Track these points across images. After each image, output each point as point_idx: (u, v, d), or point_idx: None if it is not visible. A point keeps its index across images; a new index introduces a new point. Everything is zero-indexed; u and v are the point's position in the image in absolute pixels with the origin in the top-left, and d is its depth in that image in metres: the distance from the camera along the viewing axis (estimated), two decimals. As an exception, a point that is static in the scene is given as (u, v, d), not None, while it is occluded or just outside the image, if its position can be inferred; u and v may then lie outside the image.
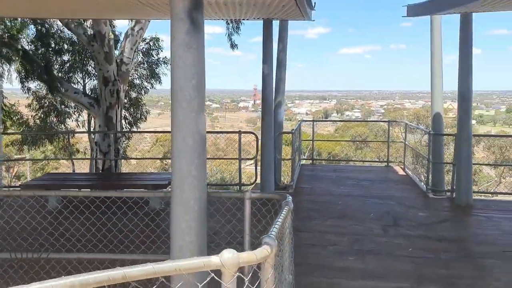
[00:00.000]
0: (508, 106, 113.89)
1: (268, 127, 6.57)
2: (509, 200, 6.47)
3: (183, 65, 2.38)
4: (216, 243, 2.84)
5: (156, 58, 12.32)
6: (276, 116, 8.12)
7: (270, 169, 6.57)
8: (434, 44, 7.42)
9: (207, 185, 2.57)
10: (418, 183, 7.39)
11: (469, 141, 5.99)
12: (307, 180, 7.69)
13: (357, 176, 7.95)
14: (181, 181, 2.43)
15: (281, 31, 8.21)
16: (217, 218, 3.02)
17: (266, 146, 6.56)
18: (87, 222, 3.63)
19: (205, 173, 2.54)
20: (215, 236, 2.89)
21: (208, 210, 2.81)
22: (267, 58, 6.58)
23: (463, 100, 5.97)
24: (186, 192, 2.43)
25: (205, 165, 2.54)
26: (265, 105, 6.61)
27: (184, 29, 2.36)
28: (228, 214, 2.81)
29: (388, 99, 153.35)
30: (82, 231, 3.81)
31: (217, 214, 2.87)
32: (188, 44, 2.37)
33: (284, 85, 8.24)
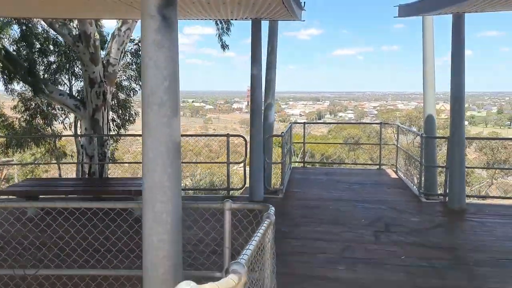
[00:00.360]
0: (499, 107, 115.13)
1: (257, 130, 6.38)
2: (502, 204, 6.35)
3: (154, 66, 2.18)
4: (194, 257, 2.64)
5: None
6: (266, 118, 7.95)
7: (259, 173, 6.39)
8: (426, 46, 7.31)
9: (193, 190, 2.41)
10: (410, 186, 7.25)
11: (462, 144, 5.86)
12: (298, 184, 7.52)
13: (348, 179, 7.79)
14: (153, 193, 2.23)
15: (271, 31, 8.05)
16: (194, 230, 2.82)
17: (255, 149, 6.38)
18: (66, 235, 3.42)
19: (180, 183, 2.35)
20: (192, 250, 2.69)
21: (185, 222, 2.61)
22: (256, 59, 6.40)
23: (456, 102, 5.84)
24: (158, 204, 2.24)
25: (180, 175, 2.35)
26: (254, 107, 6.42)
27: (154, 27, 2.17)
28: (207, 227, 2.62)
29: (381, 100, 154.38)
30: (61, 245, 3.59)
31: (195, 226, 2.67)
32: (159, 43, 2.18)
33: (275, 86, 8.07)
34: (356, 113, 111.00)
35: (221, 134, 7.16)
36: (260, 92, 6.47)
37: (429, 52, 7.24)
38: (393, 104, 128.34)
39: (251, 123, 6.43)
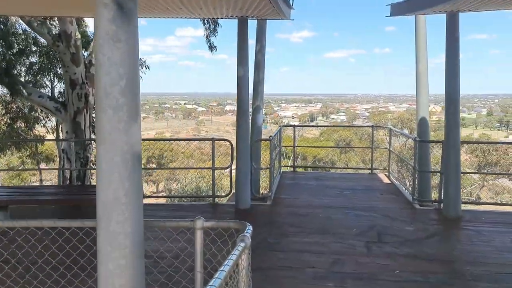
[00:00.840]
0: (489, 109, 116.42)
1: (243, 134, 6.07)
2: (498, 211, 6.11)
3: (108, 63, 1.86)
4: (161, 282, 2.32)
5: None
6: (254, 121, 7.65)
7: (246, 179, 6.08)
8: (419, 46, 7.07)
9: (177, 198, 2.10)
10: (403, 192, 6.98)
11: (457, 149, 5.61)
12: (287, 190, 7.21)
13: (339, 184, 7.51)
14: (107, 211, 1.90)
15: (259, 31, 7.76)
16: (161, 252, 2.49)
17: (241, 154, 6.07)
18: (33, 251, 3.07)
19: (140, 199, 2.02)
20: (159, 275, 2.37)
21: (152, 242, 2.29)
22: (242, 59, 6.10)
23: (451, 104, 5.59)
24: (113, 225, 1.91)
25: (140, 189, 2.02)
26: (240, 110, 6.11)
27: (108, 17, 1.84)
28: (176, 247, 2.30)
29: (372, 102, 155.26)
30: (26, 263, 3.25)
31: (162, 247, 2.35)
32: (114, 36, 1.86)
33: (263, 88, 7.78)
34: (348, 115, 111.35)
35: (206, 138, 6.84)
36: (247, 94, 6.16)
37: (422, 53, 7.01)
38: (385, 106, 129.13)
39: (237, 126, 6.12)
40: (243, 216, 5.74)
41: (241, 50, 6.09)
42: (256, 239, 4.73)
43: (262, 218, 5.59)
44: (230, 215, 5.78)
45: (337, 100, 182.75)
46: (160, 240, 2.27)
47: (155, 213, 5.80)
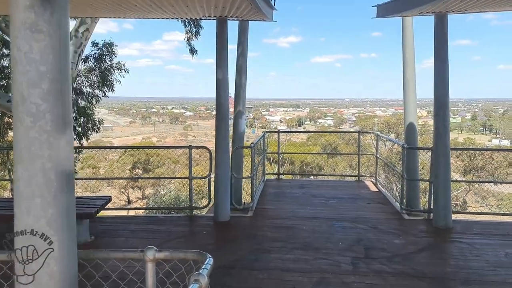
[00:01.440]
0: (473, 113, 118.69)
1: (223, 141, 5.70)
2: (489, 221, 5.86)
3: (25, 59, 1.48)
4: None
5: (109, 64, 11.24)
6: (236, 127, 7.28)
7: (225, 190, 5.70)
8: (406, 51, 6.83)
9: (153, 210, 1.71)
10: (391, 201, 6.70)
11: (447, 156, 5.34)
12: (270, 199, 6.86)
13: (325, 193, 7.19)
14: (25, 244, 1.52)
15: (241, 33, 7.42)
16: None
17: (220, 162, 5.69)
18: None
19: (73, 227, 1.64)
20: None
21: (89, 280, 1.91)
22: (221, 62, 5.74)
23: (440, 109, 5.33)
24: (34, 263, 1.52)
25: (72, 216, 1.64)
26: (219, 115, 5.74)
27: (26, 3, 1.47)
28: (123, 283, 1.92)
29: (359, 107, 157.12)
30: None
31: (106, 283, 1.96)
32: (33, 26, 1.48)
33: (245, 92, 7.42)
34: (335, 120, 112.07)
35: (182, 146, 6.44)
36: (226, 98, 5.81)
37: (410, 57, 6.76)
38: (371, 110, 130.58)
39: (216, 133, 5.75)
40: (221, 230, 5.36)
41: (220, 52, 5.74)
42: (234, 256, 4.35)
43: (242, 232, 5.21)
44: (208, 228, 5.38)
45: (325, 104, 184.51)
46: (103, 274, 1.88)
47: (125, 226, 5.38)
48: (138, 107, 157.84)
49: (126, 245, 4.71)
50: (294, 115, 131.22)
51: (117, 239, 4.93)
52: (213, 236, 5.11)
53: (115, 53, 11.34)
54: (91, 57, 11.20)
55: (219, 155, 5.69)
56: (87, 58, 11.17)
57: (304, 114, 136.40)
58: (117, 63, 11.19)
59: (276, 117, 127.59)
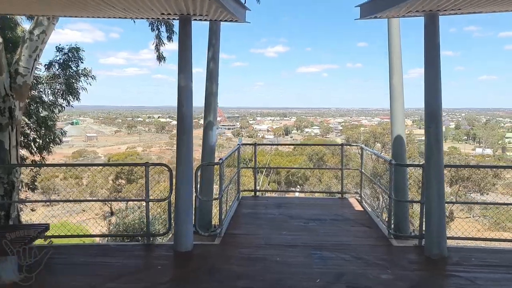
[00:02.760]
0: (457, 123, 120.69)
1: (185, 157, 4.92)
2: (489, 248, 5.20)
3: None
4: None
5: (75, 70, 10.37)
6: (205, 140, 6.52)
7: (187, 214, 4.90)
8: (392, 57, 6.20)
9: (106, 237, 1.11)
10: (377, 222, 6.00)
11: (440, 174, 4.67)
12: (243, 222, 6.08)
13: (305, 213, 6.45)
14: None
15: (212, 35, 6.70)
16: None
17: (182, 182, 4.90)
18: None
19: None
20: None
21: None
22: (184, 67, 5.00)
23: (431, 120, 4.67)
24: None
25: None
26: (181, 128, 4.98)
27: None
28: None
29: (345, 116, 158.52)
30: None
31: None
32: None
33: (216, 101, 6.69)
34: (322, 129, 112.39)
35: (139, 163, 5.63)
36: (190, 107, 5.04)
37: (396, 64, 6.13)
38: (357, 120, 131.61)
39: (177, 148, 4.98)
40: (180, 263, 4.55)
41: (183, 55, 5.00)
42: (189, 301, 3.56)
43: (204, 265, 4.41)
44: (165, 261, 4.57)
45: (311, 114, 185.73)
46: None
47: (70, 258, 4.54)
48: (124, 116, 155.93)
49: (62, 285, 3.88)
50: (281, 124, 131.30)
51: (53, 277, 4.08)
52: (168, 272, 4.29)
53: (82, 59, 10.48)
54: (55, 63, 10.33)
55: (180, 173, 4.91)
56: (51, 64, 10.30)
57: (291, 123, 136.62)
58: (83, 70, 10.33)
59: (263, 126, 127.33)
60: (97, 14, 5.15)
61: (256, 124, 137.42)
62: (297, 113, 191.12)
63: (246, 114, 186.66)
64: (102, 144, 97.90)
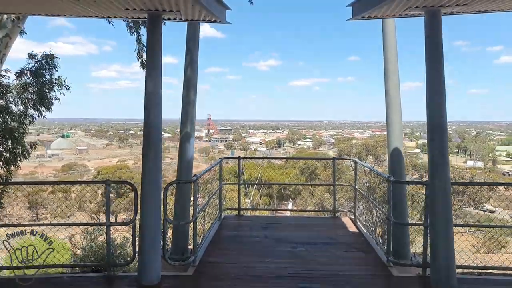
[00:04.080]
0: (448, 135, 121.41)
1: (151, 174, 4.24)
2: (500, 279, 4.54)
3: None
4: None
5: (48, 78, 9.66)
6: (182, 154, 5.85)
7: (153, 241, 4.19)
8: (388, 62, 5.66)
9: None
10: (374, 246, 5.34)
11: (446, 193, 4.05)
12: (223, 247, 5.37)
13: (294, 236, 5.76)
14: None
15: (190, 39, 6.10)
16: None
17: (148, 203, 4.21)
18: None
19: None
20: None
21: None
22: (152, 69, 4.36)
23: (435, 131, 4.08)
24: None
25: None
26: (148, 140, 4.30)
27: None
28: None
29: (337, 129, 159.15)
30: None
31: None
32: None
33: (194, 110, 6.04)
34: (314, 141, 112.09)
35: (99, 181, 4.94)
36: (158, 116, 4.37)
37: (393, 69, 5.58)
38: (349, 133, 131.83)
39: (143, 165, 4.29)
40: (143, 301, 3.82)
41: (152, 55, 4.37)
42: None
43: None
44: (126, 298, 3.84)
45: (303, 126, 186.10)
46: None
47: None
48: (115, 129, 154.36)
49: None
50: (274, 137, 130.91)
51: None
52: (127, 313, 3.57)
53: (56, 67, 9.77)
54: (27, 71, 9.61)
55: (146, 193, 4.22)
56: (22, 71, 9.57)
57: (283, 135, 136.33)
58: (57, 78, 9.62)
59: (256, 139, 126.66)
60: (55, 11, 4.53)
61: (249, 136, 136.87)
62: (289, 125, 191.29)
63: (238, 126, 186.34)
64: (92, 157, 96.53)
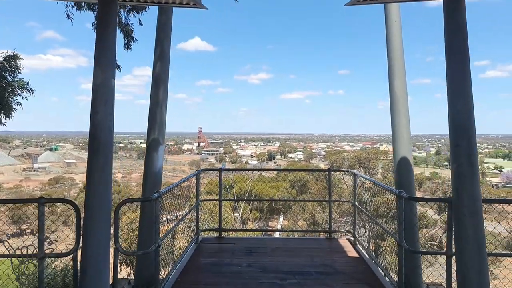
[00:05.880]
0: (437, 148, 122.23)
1: (97, 190, 3.27)
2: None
3: None
4: None
5: (10, 81, 8.68)
6: (148, 165, 4.88)
7: (100, 273, 3.20)
8: (393, 54, 4.83)
9: None
10: (379, 275, 4.39)
11: (478, 214, 3.15)
12: (196, 279, 4.37)
13: (283, 263, 4.80)
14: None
15: (160, 30, 5.21)
16: None
17: (93, 228, 3.23)
18: None
19: None
20: None
21: None
22: (104, 55, 3.44)
23: (462, 136, 3.19)
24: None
25: None
26: (94, 143, 3.34)
27: None
28: None
29: (328, 141, 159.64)
30: None
31: None
32: None
33: (164, 112, 5.11)
34: (305, 154, 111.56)
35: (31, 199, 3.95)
36: (110, 114, 3.44)
37: (397, 63, 4.74)
38: (339, 145, 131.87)
39: (87, 173, 3.33)
40: None
41: (103, 35, 3.45)
42: None
43: None
44: None
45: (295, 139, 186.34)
46: None
47: None
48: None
49: None
50: (265, 150, 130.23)
51: None
52: None
53: (19, 69, 8.83)
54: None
55: (90, 215, 3.24)
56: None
57: (274, 148, 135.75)
58: (18, 80, 8.65)
59: (247, 152, 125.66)
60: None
61: (240, 149, 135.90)
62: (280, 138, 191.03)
63: (230, 139, 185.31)
64: (81, 171, 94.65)
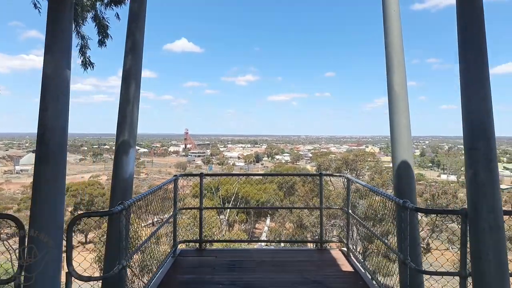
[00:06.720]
0: (422, 150, 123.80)
1: (47, 200, 2.69)
2: None
3: None
4: None
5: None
6: (117, 171, 4.30)
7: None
8: (392, 47, 4.36)
9: None
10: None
11: (499, 228, 2.69)
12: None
13: (269, 279, 4.27)
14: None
15: (131, 20, 4.63)
16: None
17: (40, 247, 2.64)
18: None
19: None
20: None
21: None
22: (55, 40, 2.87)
23: (479, 138, 2.72)
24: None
25: None
26: (44, 148, 2.77)
27: None
28: None
29: (315, 143, 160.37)
30: None
31: None
32: None
33: (136, 111, 4.53)
34: (292, 156, 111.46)
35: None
36: (62, 112, 2.86)
37: (397, 56, 4.29)
38: (326, 147, 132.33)
39: (34, 181, 2.75)
40: None
41: (57, 20, 2.88)
42: None
43: None
44: None
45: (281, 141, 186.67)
46: None
47: None
48: (90, 144, 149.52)
49: None
50: (252, 151, 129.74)
51: None
52: None
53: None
54: None
55: (40, 226, 2.66)
56: None
57: (262, 150, 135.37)
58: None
59: (234, 153, 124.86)
60: None
61: (227, 151, 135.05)
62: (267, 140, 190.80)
63: (216, 141, 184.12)
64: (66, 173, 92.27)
